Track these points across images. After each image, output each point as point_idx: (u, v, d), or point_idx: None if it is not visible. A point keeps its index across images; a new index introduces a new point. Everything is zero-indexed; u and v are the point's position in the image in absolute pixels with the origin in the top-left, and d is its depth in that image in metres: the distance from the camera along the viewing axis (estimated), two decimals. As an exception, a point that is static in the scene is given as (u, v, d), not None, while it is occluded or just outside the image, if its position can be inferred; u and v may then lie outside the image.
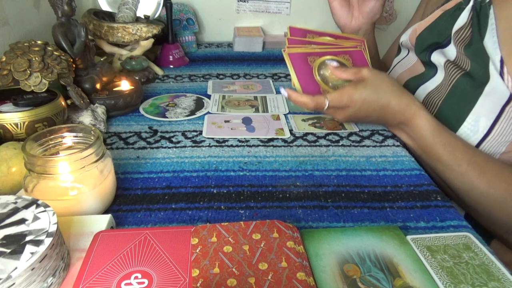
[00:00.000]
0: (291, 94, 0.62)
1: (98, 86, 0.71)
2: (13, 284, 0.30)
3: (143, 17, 0.96)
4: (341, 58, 0.68)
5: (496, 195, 0.51)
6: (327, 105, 0.59)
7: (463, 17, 0.61)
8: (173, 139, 0.65)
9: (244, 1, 1.23)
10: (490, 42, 0.55)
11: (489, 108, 0.55)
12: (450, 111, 0.59)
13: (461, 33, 0.61)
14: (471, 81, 0.57)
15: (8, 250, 0.32)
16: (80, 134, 0.48)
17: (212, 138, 0.65)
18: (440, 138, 0.56)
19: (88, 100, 0.67)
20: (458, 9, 0.63)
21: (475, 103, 0.56)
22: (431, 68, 0.67)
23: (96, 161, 0.44)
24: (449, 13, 0.65)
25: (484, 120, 0.55)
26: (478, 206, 0.54)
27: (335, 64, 0.64)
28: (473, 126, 0.56)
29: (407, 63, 0.74)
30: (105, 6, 1.04)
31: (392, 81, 0.60)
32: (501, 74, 0.53)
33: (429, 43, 0.67)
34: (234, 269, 0.36)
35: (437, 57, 0.65)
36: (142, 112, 0.74)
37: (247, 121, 0.71)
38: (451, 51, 0.63)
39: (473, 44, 0.58)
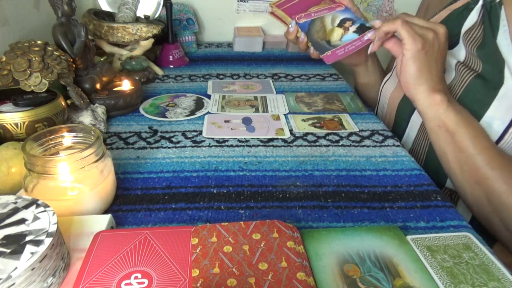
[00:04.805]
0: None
1: (98, 86, 0.71)
2: (13, 284, 0.30)
3: (143, 17, 0.96)
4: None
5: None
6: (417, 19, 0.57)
7: (473, 17, 0.60)
8: (173, 139, 0.65)
9: (244, 1, 1.23)
10: (503, 45, 0.54)
11: (503, 111, 0.54)
12: None
13: (472, 33, 0.60)
14: (484, 83, 0.56)
15: (8, 250, 0.32)
16: (80, 134, 0.48)
17: (212, 138, 0.65)
18: (465, 117, 0.55)
19: (88, 100, 0.67)
20: (466, 9, 0.62)
21: (488, 106, 0.55)
22: None
23: (96, 161, 0.44)
24: (457, 12, 0.64)
25: (498, 124, 0.54)
26: (486, 194, 0.52)
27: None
28: (485, 130, 0.55)
29: None
30: (105, 6, 1.04)
31: None
32: None
33: None
34: (234, 269, 0.36)
35: (447, 58, 0.64)
36: (142, 112, 0.74)
37: (247, 121, 0.71)
38: (460, 51, 0.61)
39: (486, 45, 0.57)
